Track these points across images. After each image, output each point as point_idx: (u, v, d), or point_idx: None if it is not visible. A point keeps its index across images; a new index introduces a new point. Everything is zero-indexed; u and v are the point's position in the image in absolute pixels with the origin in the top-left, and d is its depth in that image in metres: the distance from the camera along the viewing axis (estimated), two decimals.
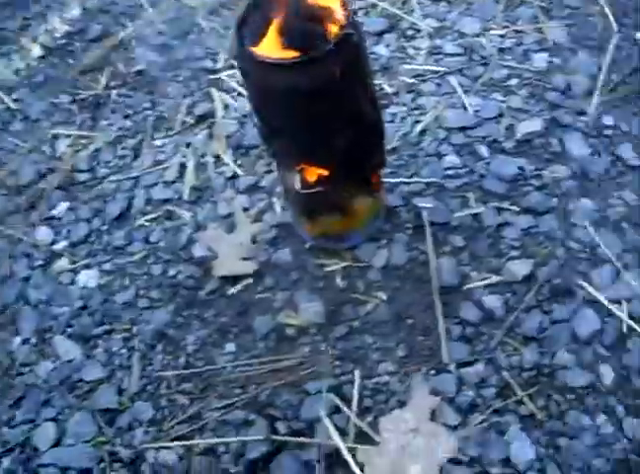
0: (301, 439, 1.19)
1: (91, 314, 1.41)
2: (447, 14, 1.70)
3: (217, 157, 1.58)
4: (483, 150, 1.47)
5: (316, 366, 1.26)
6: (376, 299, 1.32)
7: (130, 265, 1.47)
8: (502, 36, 1.63)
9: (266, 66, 1.01)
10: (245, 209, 1.48)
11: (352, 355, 1.27)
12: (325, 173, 1.19)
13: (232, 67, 1.73)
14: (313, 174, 1.19)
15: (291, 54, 1.01)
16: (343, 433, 1.18)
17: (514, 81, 1.56)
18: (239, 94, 1.67)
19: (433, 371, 1.23)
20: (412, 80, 1.60)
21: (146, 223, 1.52)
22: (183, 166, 1.58)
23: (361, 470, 1.13)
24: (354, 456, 1.15)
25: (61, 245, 1.53)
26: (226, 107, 1.65)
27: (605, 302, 1.25)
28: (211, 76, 1.73)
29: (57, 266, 1.50)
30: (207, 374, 1.30)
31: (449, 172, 1.44)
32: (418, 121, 1.53)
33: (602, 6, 1.64)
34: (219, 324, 1.35)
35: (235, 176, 1.53)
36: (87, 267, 1.48)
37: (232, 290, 1.38)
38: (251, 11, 1.08)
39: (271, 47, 1.03)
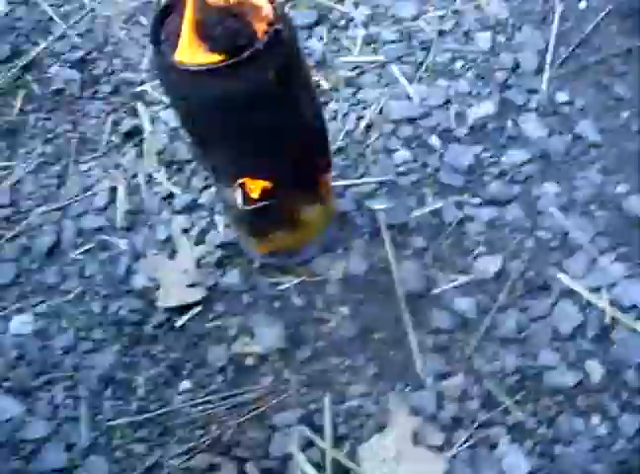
0: None
1: (29, 364, 1.28)
2: None
3: (150, 176, 1.45)
4: (435, 141, 1.37)
5: (281, 397, 1.15)
6: (338, 315, 1.21)
7: (67, 304, 1.33)
8: (441, 17, 1.54)
9: (190, 75, 0.89)
10: (185, 231, 1.35)
11: (319, 379, 1.17)
12: (268, 185, 1.07)
13: (156, 78, 1.60)
14: (256, 187, 1.08)
15: (216, 58, 0.90)
16: (319, 467, 1.08)
17: (458, 64, 1.46)
18: (167, 106, 1.54)
19: (409, 388, 1.13)
20: (350, 73, 1.49)
21: (79, 256, 1.38)
22: (113, 190, 1.45)
23: None
24: None
25: None
26: (154, 120, 1.52)
27: (584, 292, 1.16)
28: (134, 89, 1.59)
29: None
30: (164, 417, 1.18)
31: (401, 168, 1.34)
32: (361, 117, 1.42)
33: None
34: (171, 360, 1.23)
35: (171, 195, 1.41)
36: (19, 311, 1.34)
37: (180, 322, 1.26)
38: (167, 13, 0.96)
39: (192, 53, 0.91)
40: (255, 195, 1.09)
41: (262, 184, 1.08)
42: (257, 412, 1.15)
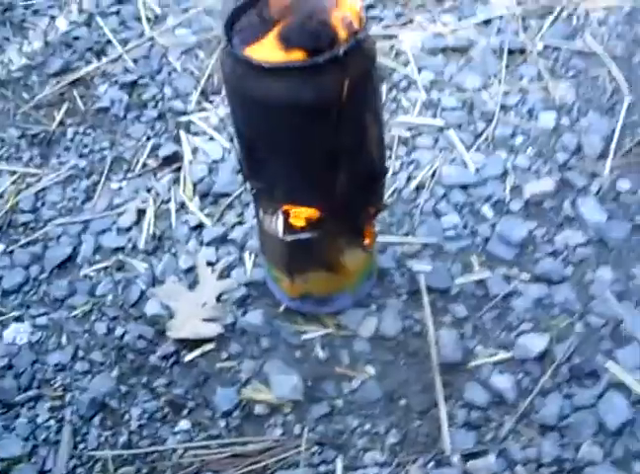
0: None
1: (16, 376, 1.17)
2: (444, 67, 1.55)
3: (182, 205, 1.37)
4: (487, 210, 1.29)
5: (289, 453, 1.03)
6: (364, 374, 1.11)
7: (70, 320, 1.23)
8: (505, 92, 1.49)
9: (263, 71, 0.83)
10: (210, 264, 1.27)
11: (333, 440, 1.05)
12: (315, 215, 0.99)
13: (204, 109, 1.55)
14: (301, 217, 1.00)
15: (292, 58, 0.84)
16: None
17: (519, 139, 1.40)
18: (211, 138, 1.48)
19: (432, 463, 1.01)
20: (406, 133, 1.43)
21: (92, 273, 1.30)
22: (141, 212, 1.37)
23: None
24: None
25: None
26: (195, 151, 1.46)
27: (636, 387, 1.05)
28: (181, 118, 1.54)
29: None
30: (154, 456, 1.06)
31: (449, 232, 1.26)
32: (412, 177, 1.36)
33: (610, 69, 1.51)
34: (172, 396, 1.12)
35: (201, 226, 1.33)
36: (17, 319, 1.25)
37: (189, 357, 1.15)
38: (241, 12, 0.90)
39: (266, 51, 0.85)
40: (298, 223, 1.01)
41: (307, 212, 1.00)
42: (258, 465, 1.03)
